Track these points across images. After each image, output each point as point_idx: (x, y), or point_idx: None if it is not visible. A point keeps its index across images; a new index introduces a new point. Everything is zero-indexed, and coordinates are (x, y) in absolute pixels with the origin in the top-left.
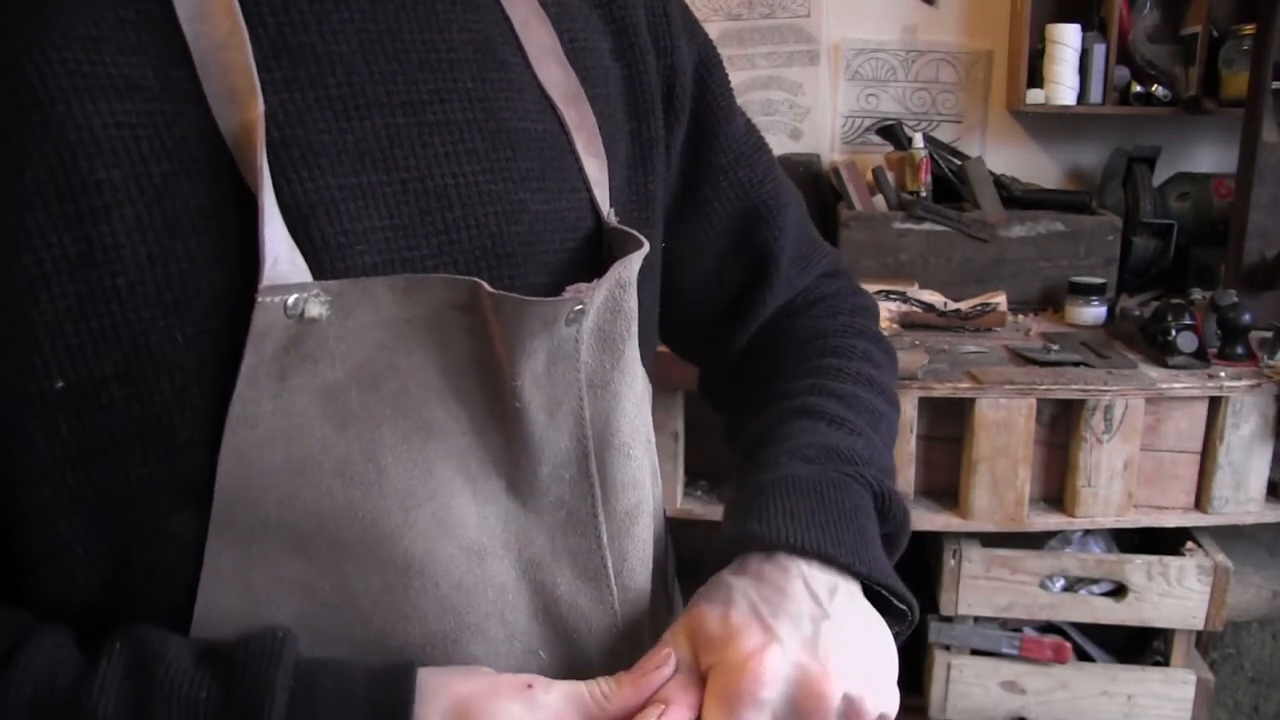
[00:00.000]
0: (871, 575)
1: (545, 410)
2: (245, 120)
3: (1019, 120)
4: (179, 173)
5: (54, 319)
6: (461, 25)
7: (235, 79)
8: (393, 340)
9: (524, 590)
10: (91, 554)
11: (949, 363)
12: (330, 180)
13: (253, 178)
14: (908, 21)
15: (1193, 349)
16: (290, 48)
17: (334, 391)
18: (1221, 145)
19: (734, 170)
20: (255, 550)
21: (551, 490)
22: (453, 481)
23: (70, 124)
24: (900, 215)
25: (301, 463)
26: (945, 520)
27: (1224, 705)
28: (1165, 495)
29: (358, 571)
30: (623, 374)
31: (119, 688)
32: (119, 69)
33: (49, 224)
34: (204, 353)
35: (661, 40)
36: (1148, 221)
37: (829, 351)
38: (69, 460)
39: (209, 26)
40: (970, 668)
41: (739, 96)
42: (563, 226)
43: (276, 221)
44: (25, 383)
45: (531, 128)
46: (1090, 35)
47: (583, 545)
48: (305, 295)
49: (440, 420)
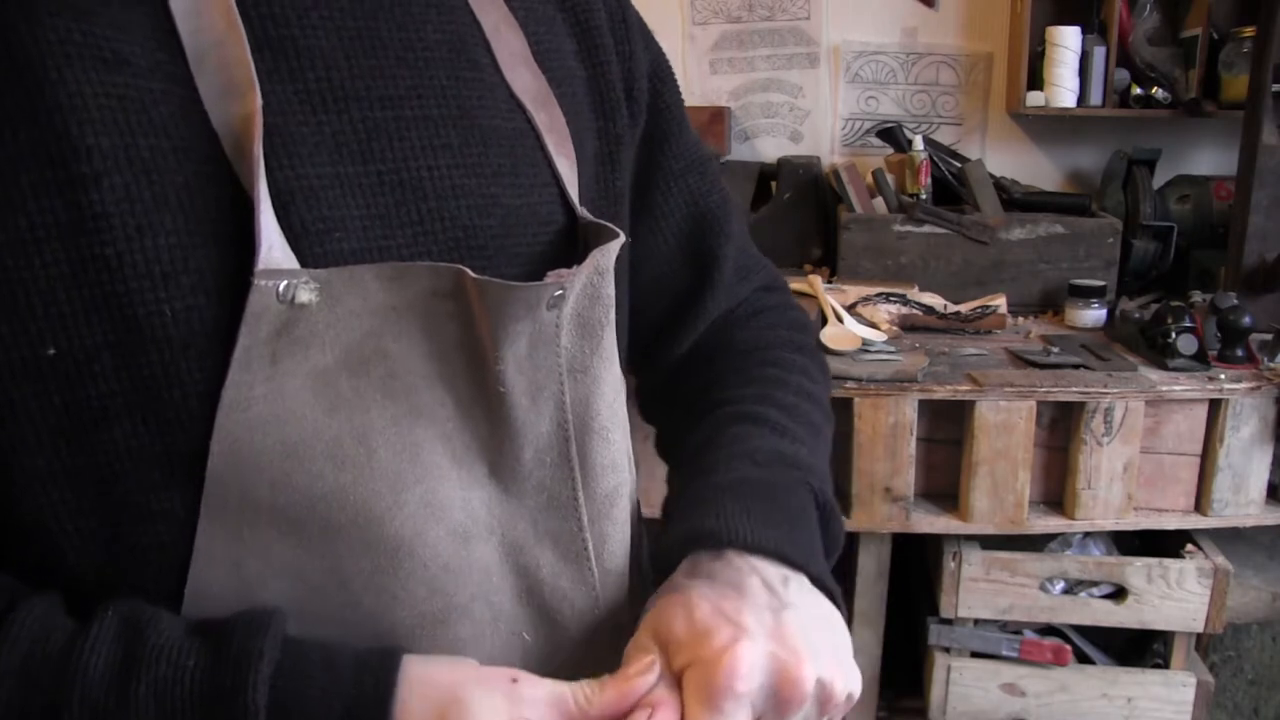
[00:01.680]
0: (821, 579)
1: (527, 395)
2: (244, 113)
3: (1019, 123)
4: (165, 149)
5: (46, 285)
6: (436, 26)
7: (233, 73)
8: (380, 326)
9: (508, 572)
10: (82, 530)
11: (949, 365)
12: (309, 170)
13: (247, 167)
14: (907, 24)
15: (1193, 351)
16: (271, 41)
17: (324, 376)
18: (1221, 148)
19: (685, 176)
20: (246, 532)
21: (534, 474)
22: (439, 465)
23: (62, 90)
24: (900, 218)
25: (293, 446)
26: (945, 523)
27: (1224, 708)
28: (1165, 498)
29: (348, 553)
30: (602, 359)
31: (110, 648)
32: (108, 42)
33: (41, 187)
34: (191, 329)
35: (621, 44)
36: (1148, 224)
37: (770, 363)
38: (61, 430)
39: (205, 22)
40: (970, 670)
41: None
42: (535, 221)
43: (269, 209)
44: (19, 348)
45: (503, 125)
46: (1090, 38)
47: (564, 528)
48: (296, 282)
49: (427, 405)
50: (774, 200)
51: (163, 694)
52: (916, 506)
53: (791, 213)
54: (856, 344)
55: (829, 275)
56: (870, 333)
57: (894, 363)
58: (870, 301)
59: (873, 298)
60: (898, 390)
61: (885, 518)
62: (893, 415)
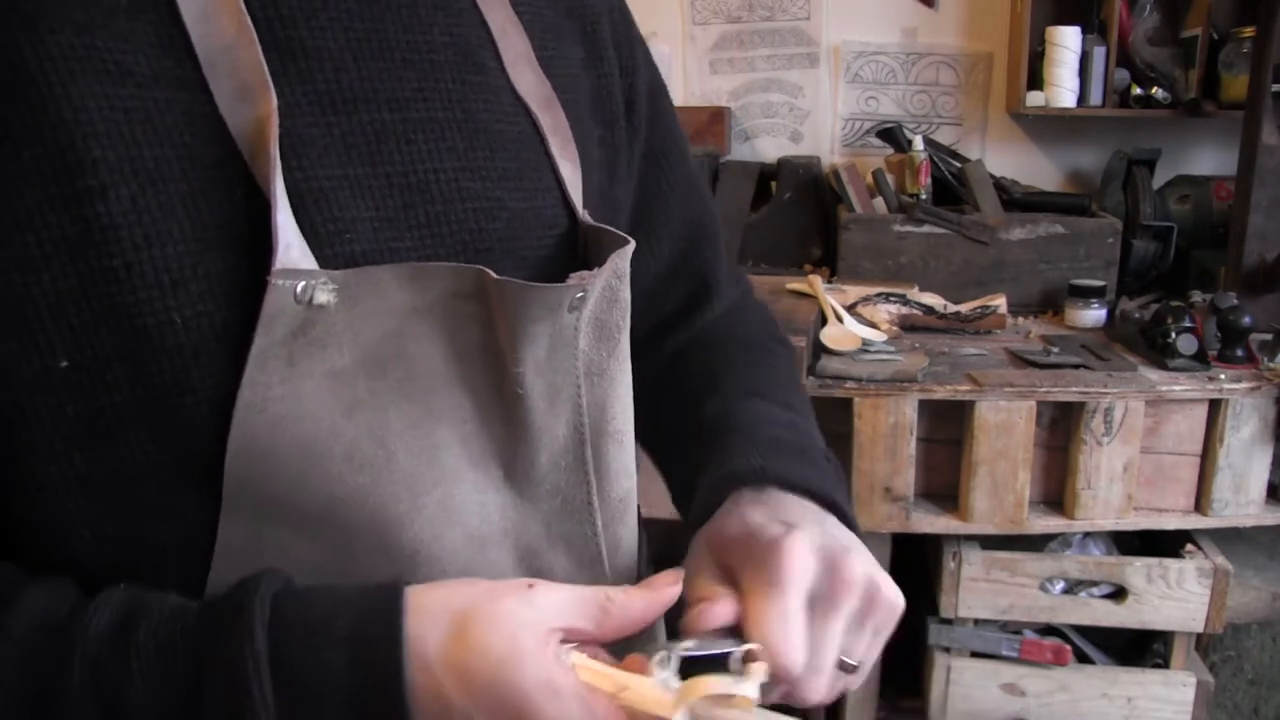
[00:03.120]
0: (853, 523)
1: (545, 398)
2: (259, 115)
3: (1019, 123)
4: (170, 157)
5: (56, 299)
6: (443, 29)
7: (246, 76)
8: (399, 327)
9: (521, 576)
10: (98, 536)
11: (949, 365)
12: (319, 171)
13: (263, 168)
14: (907, 24)
15: (1192, 351)
16: (279, 43)
17: (342, 377)
18: (1221, 148)
19: (683, 188)
20: (266, 532)
21: (549, 478)
22: (457, 468)
23: (66, 104)
24: (900, 218)
25: (310, 447)
26: (945, 523)
27: (1224, 707)
28: (1165, 498)
29: (366, 556)
30: (618, 363)
31: (113, 610)
32: (111, 54)
33: (47, 204)
34: (202, 335)
35: (625, 59)
36: (1148, 224)
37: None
38: (75, 440)
39: (215, 27)
40: (970, 670)
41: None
42: (539, 224)
43: (287, 210)
44: (31, 361)
45: (508, 129)
46: (1090, 38)
47: (578, 532)
48: (314, 282)
49: (446, 407)
50: (774, 200)
51: (161, 633)
52: (916, 506)
53: (791, 213)
54: (856, 344)
55: (829, 275)
56: (870, 333)
57: (894, 363)
58: (870, 301)
59: (873, 298)
60: (898, 390)
61: (885, 518)
62: (893, 415)
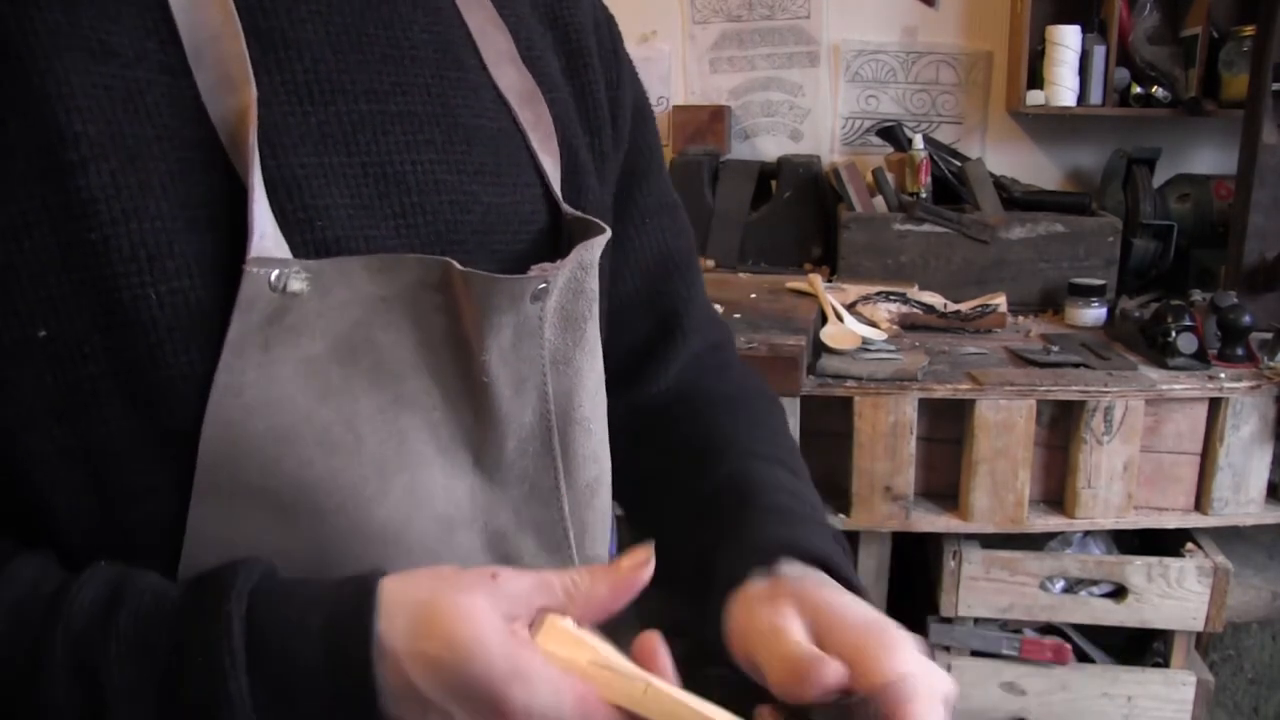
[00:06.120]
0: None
1: (511, 386)
2: (240, 106)
3: (1019, 122)
4: (150, 136)
5: (36, 269)
6: (422, 26)
7: (230, 67)
8: (369, 316)
9: (490, 561)
10: (74, 510)
11: (949, 364)
12: (295, 159)
13: (242, 157)
14: (908, 23)
15: (1192, 350)
16: (260, 33)
17: (315, 364)
18: (1221, 147)
19: (659, 215)
20: (238, 515)
21: (516, 464)
22: (425, 453)
23: (50, 79)
24: (900, 217)
25: (284, 432)
26: (945, 522)
27: (1224, 706)
28: (1165, 497)
29: (337, 538)
30: (585, 352)
31: (98, 588)
32: (95, 33)
33: (31, 175)
34: (177, 312)
35: (610, 73)
36: (1148, 223)
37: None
38: (54, 410)
39: (202, 15)
40: (970, 669)
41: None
42: (515, 219)
43: (263, 199)
44: (12, 329)
45: (487, 125)
46: (1090, 37)
47: (546, 517)
48: (288, 271)
49: (414, 394)
50: (774, 199)
51: (141, 619)
52: (916, 505)
53: (791, 212)
54: (856, 343)
55: (829, 274)
56: (870, 331)
57: (894, 362)
58: (870, 300)
59: (873, 296)
60: (898, 389)
61: (885, 517)
62: (893, 414)
